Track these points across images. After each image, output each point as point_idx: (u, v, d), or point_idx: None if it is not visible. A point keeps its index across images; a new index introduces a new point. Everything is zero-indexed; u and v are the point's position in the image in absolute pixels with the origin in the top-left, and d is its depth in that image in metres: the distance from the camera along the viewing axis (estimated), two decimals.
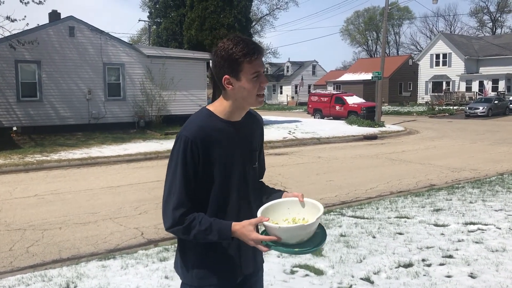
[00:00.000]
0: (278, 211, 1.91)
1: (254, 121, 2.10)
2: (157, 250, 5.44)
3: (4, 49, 17.00)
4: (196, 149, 1.85)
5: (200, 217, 1.85)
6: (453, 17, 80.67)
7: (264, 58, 2.02)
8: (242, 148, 1.99)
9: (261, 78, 1.90)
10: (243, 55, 1.84)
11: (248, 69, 1.86)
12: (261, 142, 2.16)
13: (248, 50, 1.84)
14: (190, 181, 1.86)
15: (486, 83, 41.77)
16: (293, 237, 1.79)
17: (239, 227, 1.81)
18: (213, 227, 1.82)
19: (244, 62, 1.84)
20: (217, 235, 1.83)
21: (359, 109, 28.29)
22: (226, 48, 1.85)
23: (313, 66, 63.43)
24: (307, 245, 1.81)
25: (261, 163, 2.17)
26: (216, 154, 1.90)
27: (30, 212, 7.75)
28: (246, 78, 1.86)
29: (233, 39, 1.87)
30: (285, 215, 1.92)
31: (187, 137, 1.86)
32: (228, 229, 1.82)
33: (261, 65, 1.90)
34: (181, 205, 1.84)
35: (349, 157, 14.18)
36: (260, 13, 62.15)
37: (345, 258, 4.87)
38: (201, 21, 24.39)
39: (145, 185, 9.96)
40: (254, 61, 1.86)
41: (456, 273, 4.40)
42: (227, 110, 1.95)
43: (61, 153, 14.42)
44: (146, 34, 52.71)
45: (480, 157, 13.74)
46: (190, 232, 1.84)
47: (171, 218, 1.85)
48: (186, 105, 21.34)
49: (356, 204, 7.77)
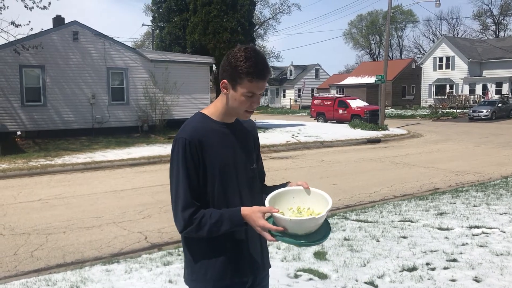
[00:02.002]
0: (283, 199, 1.92)
1: (247, 123, 2.13)
2: (160, 254, 5.44)
3: (8, 54, 17.09)
4: (194, 149, 1.89)
5: (209, 212, 1.87)
6: (456, 20, 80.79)
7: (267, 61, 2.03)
8: (238, 148, 2.01)
9: (254, 98, 1.92)
10: (246, 73, 1.86)
11: (245, 86, 1.89)
12: (257, 145, 2.17)
13: (253, 71, 1.86)
14: (194, 181, 1.89)
15: (490, 86, 41.65)
16: (302, 229, 1.80)
17: (249, 212, 1.83)
18: (224, 216, 1.84)
19: (245, 79, 1.87)
20: (229, 223, 1.85)
21: (362, 113, 28.27)
22: (237, 58, 1.88)
23: (316, 69, 63.45)
24: (313, 237, 1.82)
25: (260, 167, 2.18)
26: (213, 154, 1.93)
27: (34, 216, 7.77)
28: (241, 92, 1.90)
29: (248, 52, 1.87)
30: (289, 204, 1.93)
31: (184, 138, 1.89)
32: (238, 215, 1.84)
33: (260, 88, 1.91)
34: (188, 206, 1.86)
35: (352, 161, 14.16)
36: (263, 17, 62.21)
37: (349, 262, 4.87)
38: (204, 25, 24.45)
39: (149, 189, 9.97)
40: (254, 83, 1.88)
41: (460, 277, 4.38)
42: (220, 112, 2.00)
43: (65, 158, 14.46)
44: (150, 39, 52.91)
45: (484, 160, 13.70)
46: (203, 228, 1.85)
47: (181, 220, 1.87)
48: (189, 109, 21.38)
49: (360, 208, 7.76)
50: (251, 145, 2.10)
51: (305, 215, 1.87)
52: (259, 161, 2.19)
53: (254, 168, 2.08)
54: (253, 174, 2.07)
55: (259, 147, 2.21)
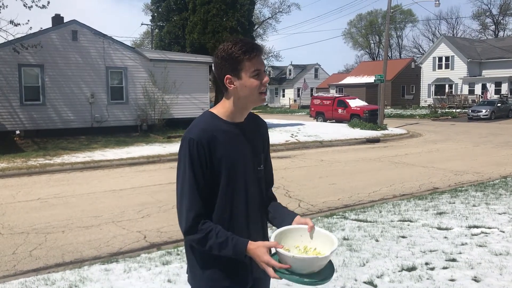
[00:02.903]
0: (290, 237, 1.90)
1: (258, 124, 2.10)
2: (159, 254, 5.44)
3: (7, 53, 17.08)
4: (202, 150, 1.86)
5: (218, 229, 1.85)
6: (456, 20, 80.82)
7: (266, 61, 2.05)
8: (247, 149, 1.99)
9: (262, 75, 1.92)
10: (242, 53, 1.87)
11: (248, 67, 1.88)
12: (266, 147, 2.14)
13: (247, 48, 1.87)
14: (200, 182, 1.87)
15: (489, 86, 41.66)
16: (304, 268, 1.77)
17: (254, 247, 1.81)
18: (229, 242, 1.83)
19: (244, 60, 1.87)
20: (232, 251, 1.83)
21: (361, 112, 28.27)
22: (225, 49, 1.89)
23: (316, 69, 63.44)
24: (316, 276, 1.79)
25: (268, 168, 2.15)
26: (221, 154, 1.91)
27: (33, 215, 7.76)
28: (247, 76, 1.89)
29: (232, 40, 1.91)
30: (297, 242, 1.90)
31: (192, 138, 1.87)
32: (243, 247, 1.82)
33: (261, 63, 1.92)
34: (193, 206, 1.86)
35: (351, 160, 14.16)
36: (262, 17, 62.21)
37: (348, 262, 4.86)
38: (204, 25, 24.46)
39: (148, 189, 9.96)
40: (253, 59, 1.88)
41: (459, 277, 4.38)
42: (229, 111, 1.96)
43: (64, 157, 14.45)
44: (149, 38, 52.88)
45: (483, 160, 13.71)
46: (207, 243, 1.84)
47: (185, 220, 1.86)
48: (188, 109, 21.38)
49: (359, 208, 7.75)
50: (259, 146, 2.07)
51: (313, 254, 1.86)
52: (268, 163, 2.15)
53: (261, 170, 2.05)
54: (260, 175, 2.04)
55: (269, 149, 2.18)
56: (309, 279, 1.78)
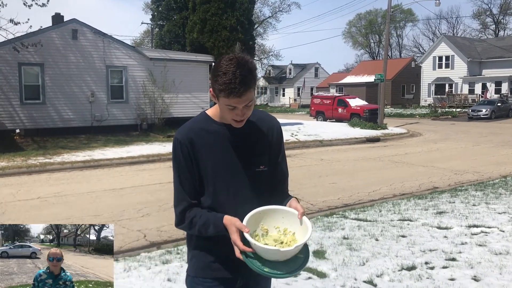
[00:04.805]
0: (272, 217, 1.89)
1: (264, 124, 2.05)
2: (159, 253, 5.44)
3: (7, 52, 17.06)
4: (185, 149, 1.93)
5: (200, 213, 1.94)
6: (456, 20, 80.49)
7: (266, 60, 2.01)
8: (240, 150, 1.97)
9: (236, 111, 1.84)
10: (220, 90, 1.80)
11: (223, 101, 1.83)
12: (274, 147, 2.08)
13: (226, 88, 1.76)
14: (186, 179, 1.95)
15: (489, 85, 41.65)
16: (267, 256, 1.77)
17: (228, 223, 1.85)
18: (209, 221, 1.91)
19: (222, 94, 1.81)
20: (214, 229, 1.90)
21: (361, 112, 28.27)
22: (218, 69, 1.80)
23: (316, 68, 63.44)
24: (281, 267, 1.77)
25: (280, 167, 2.10)
26: (206, 153, 1.94)
27: (33, 214, 7.76)
28: (223, 103, 1.85)
29: (230, 65, 1.78)
30: (278, 223, 1.89)
31: (177, 138, 1.97)
32: (220, 223, 1.88)
33: (241, 102, 1.81)
34: (180, 202, 1.98)
35: (351, 160, 14.16)
36: (262, 16, 62.18)
37: (348, 261, 4.86)
38: (203, 24, 24.41)
39: (148, 188, 9.97)
40: (231, 98, 1.79)
41: (459, 276, 4.38)
42: (220, 114, 1.97)
43: (64, 156, 14.45)
44: (149, 37, 52.84)
45: (483, 159, 13.71)
46: (194, 228, 1.95)
47: (175, 215, 1.99)
48: (188, 108, 21.36)
49: (359, 207, 7.76)
50: (258, 147, 2.01)
51: (289, 239, 1.84)
52: (278, 162, 2.09)
53: (261, 171, 2.00)
54: (258, 176, 2.00)
55: (280, 149, 2.11)
56: (270, 269, 1.76)
